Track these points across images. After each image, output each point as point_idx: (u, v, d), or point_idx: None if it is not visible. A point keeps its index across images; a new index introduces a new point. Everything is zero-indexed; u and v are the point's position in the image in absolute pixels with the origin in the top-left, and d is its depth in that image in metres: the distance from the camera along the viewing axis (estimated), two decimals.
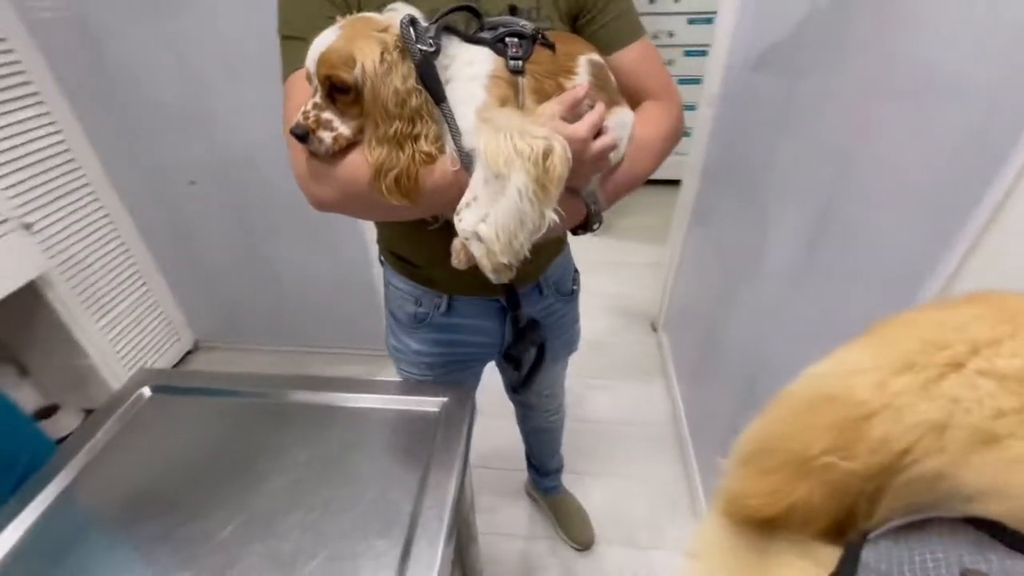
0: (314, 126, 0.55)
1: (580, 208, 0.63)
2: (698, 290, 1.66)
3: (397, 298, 0.88)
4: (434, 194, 0.56)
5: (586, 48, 0.62)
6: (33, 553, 0.61)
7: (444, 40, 0.54)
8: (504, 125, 0.50)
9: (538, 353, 0.89)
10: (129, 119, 1.63)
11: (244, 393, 0.80)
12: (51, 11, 1.46)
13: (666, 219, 2.99)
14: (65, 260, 1.63)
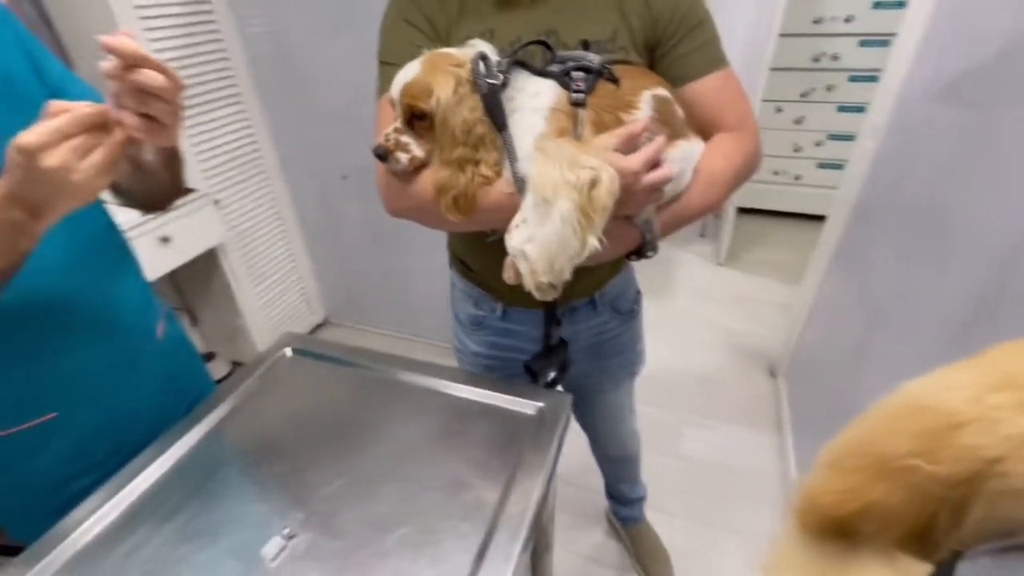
0: (393, 148, 0.63)
1: (633, 235, 0.64)
2: (833, 339, 1.49)
3: (460, 300, 0.95)
4: (489, 212, 0.62)
5: (652, 83, 0.63)
6: (185, 474, 0.72)
7: (514, 73, 0.60)
8: (556, 154, 0.53)
9: (559, 371, 0.89)
10: (304, 119, 1.89)
11: (366, 367, 0.87)
12: (259, 26, 1.75)
13: (802, 256, 2.73)
14: (239, 233, 1.92)
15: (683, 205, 0.66)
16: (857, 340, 1.28)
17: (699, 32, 0.67)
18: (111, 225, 0.77)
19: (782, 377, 1.91)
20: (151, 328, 0.81)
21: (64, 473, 0.73)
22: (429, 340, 2.26)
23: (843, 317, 1.44)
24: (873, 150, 1.41)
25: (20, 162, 0.46)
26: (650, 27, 0.67)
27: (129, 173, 0.70)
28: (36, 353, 0.65)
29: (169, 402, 0.84)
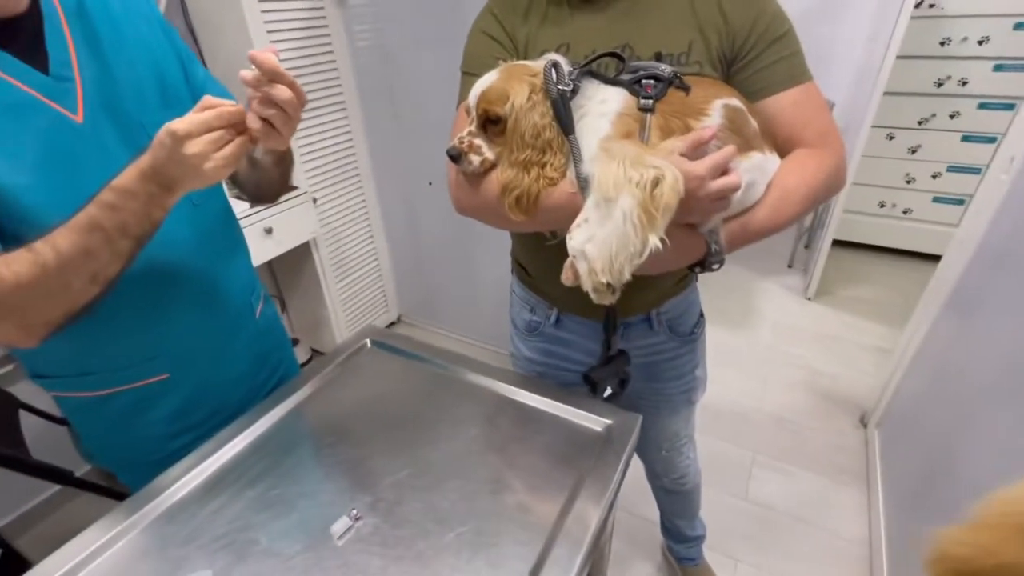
0: (467, 150, 0.66)
1: (698, 245, 0.63)
2: (942, 392, 1.33)
3: (516, 304, 0.96)
4: (552, 212, 0.63)
5: (725, 93, 0.62)
6: (267, 447, 0.77)
7: (584, 82, 0.62)
8: (620, 153, 0.54)
9: (619, 386, 0.86)
10: (400, 126, 1.99)
11: (439, 365, 0.90)
12: (367, 40, 1.88)
13: (902, 297, 2.50)
14: (331, 230, 2.06)
15: (752, 219, 0.63)
16: (972, 397, 1.14)
17: (779, 46, 0.65)
18: (229, 211, 0.85)
19: (874, 427, 1.73)
20: (253, 307, 0.88)
21: (167, 430, 0.81)
22: (494, 347, 2.29)
23: (956, 369, 1.28)
24: (1007, 185, 1.25)
25: (168, 144, 0.53)
26: (727, 42, 0.66)
27: (245, 167, 0.78)
28: (158, 318, 0.74)
29: (261, 376, 0.91)
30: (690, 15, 0.67)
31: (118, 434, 0.80)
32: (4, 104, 0.56)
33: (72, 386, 0.74)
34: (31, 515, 1.63)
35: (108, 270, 0.57)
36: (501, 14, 0.74)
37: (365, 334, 0.99)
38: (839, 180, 0.67)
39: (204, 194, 0.77)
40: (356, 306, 2.29)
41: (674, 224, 0.57)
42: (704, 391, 1.00)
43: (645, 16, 0.68)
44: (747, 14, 0.65)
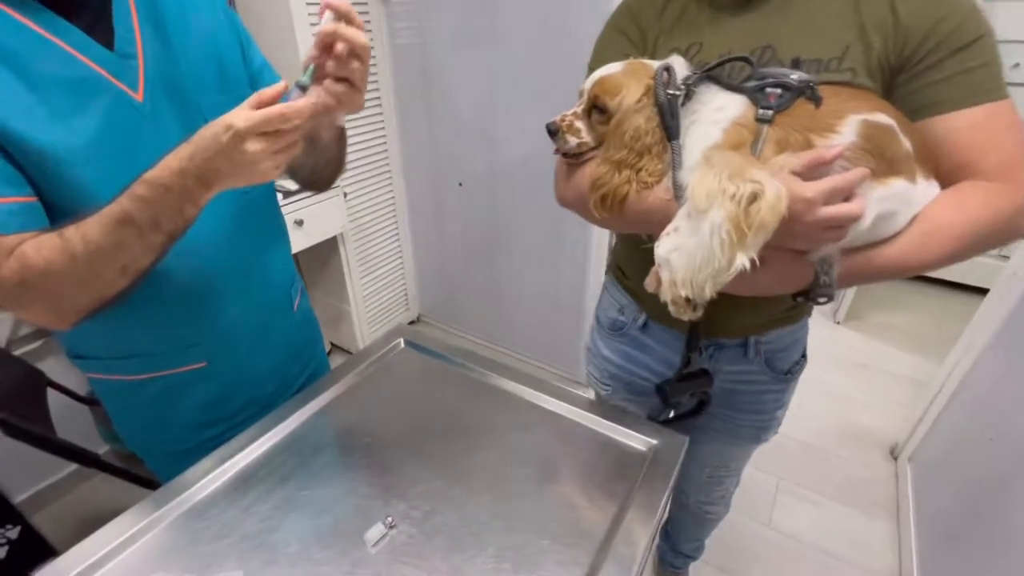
0: (566, 128, 0.66)
1: (803, 272, 0.57)
2: (985, 432, 1.27)
3: (606, 301, 0.93)
4: (643, 215, 0.61)
5: (868, 107, 0.53)
6: (298, 445, 0.75)
7: (703, 87, 0.58)
8: (720, 164, 0.50)
9: (695, 407, 0.82)
10: (433, 126, 1.99)
11: (474, 370, 0.88)
12: (406, 38, 1.87)
13: (938, 327, 2.42)
14: (358, 226, 2.05)
15: (881, 253, 0.55)
16: (1019, 439, 1.08)
17: (965, 55, 0.53)
18: (275, 202, 0.84)
19: (906, 461, 1.67)
20: (292, 299, 0.87)
21: (199, 419, 0.80)
22: (515, 352, 2.27)
23: (1005, 410, 1.23)
24: None
25: (224, 140, 0.50)
26: (895, 46, 0.56)
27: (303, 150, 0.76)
28: (201, 306, 0.72)
29: (294, 370, 0.90)
30: (852, 13, 0.58)
31: (151, 420, 0.79)
32: (68, 78, 0.56)
33: (110, 368, 0.73)
34: (47, 492, 1.64)
35: (139, 263, 0.55)
36: (636, 7, 0.71)
37: (398, 334, 0.97)
38: (1017, 226, 0.54)
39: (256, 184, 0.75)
40: (377, 303, 2.28)
41: (777, 246, 0.53)
42: (776, 433, 0.93)
43: (797, 15, 0.61)
44: (928, 14, 0.54)
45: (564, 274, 1.93)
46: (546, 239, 1.91)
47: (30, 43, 0.53)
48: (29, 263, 0.52)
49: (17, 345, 1.46)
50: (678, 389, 0.78)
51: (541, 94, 1.66)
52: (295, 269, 0.90)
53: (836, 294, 0.58)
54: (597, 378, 0.97)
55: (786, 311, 0.77)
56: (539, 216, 1.88)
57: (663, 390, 0.78)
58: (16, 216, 0.53)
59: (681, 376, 0.78)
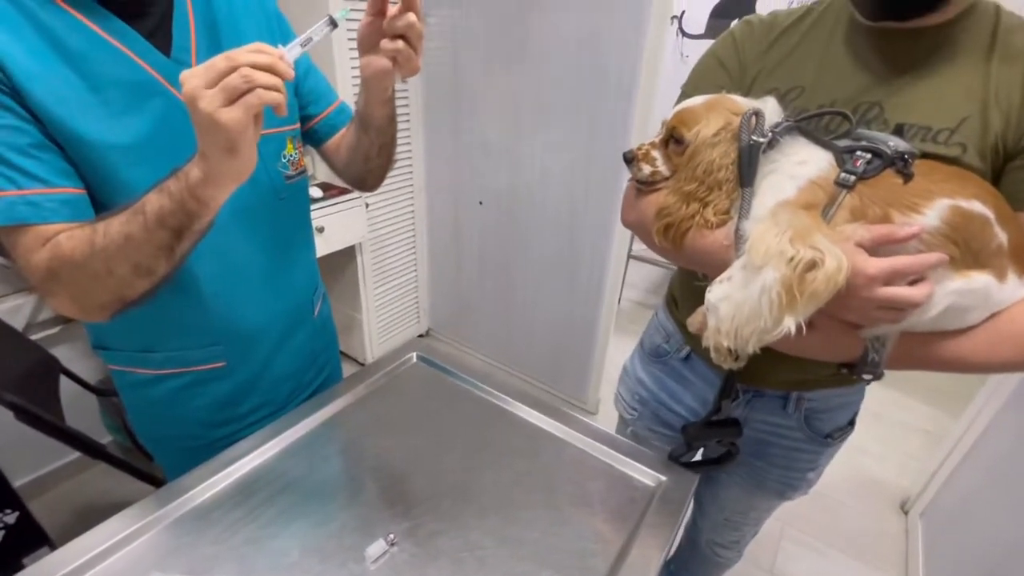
0: (641, 157, 0.65)
1: (852, 345, 0.55)
2: (1003, 493, 1.24)
3: (652, 329, 0.91)
4: (700, 254, 0.60)
5: (964, 192, 0.49)
6: (305, 453, 0.74)
7: (789, 137, 0.56)
8: (786, 223, 0.49)
9: (720, 457, 0.78)
10: (458, 144, 2.02)
11: (487, 391, 0.87)
12: (438, 58, 1.91)
13: (957, 382, 2.36)
14: (377, 236, 2.07)
15: (946, 346, 0.52)
16: None
17: None
18: (307, 208, 0.85)
19: (917, 516, 1.62)
20: (313, 305, 0.88)
21: (212, 418, 0.80)
22: (521, 374, 2.25)
23: (1019, 474, 1.19)
24: None
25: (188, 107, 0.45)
26: (1016, 130, 0.52)
27: (352, 137, 0.78)
28: (228, 306, 0.73)
29: (308, 375, 0.90)
30: (979, 85, 0.53)
31: (165, 415, 0.79)
32: (127, 80, 0.58)
33: (133, 361, 0.74)
34: (47, 479, 1.64)
35: (151, 263, 0.53)
36: (741, 40, 0.67)
37: (411, 348, 0.97)
38: None
39: (292, 189, 0.77)
40: (389, 313, 2.29)
41: (832, 315, 0.51)
42: (805, 494, 0.88)
43: (920, 74, 0.56)
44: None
45: (578, 299, 1.93)
46: (562, 263, 1.91)
47: (94, 45, 0.55)
48: (59, 251, 0.53)
49: (34, 330, 1.48)
50: (704, 434, 0.75)
51: (566, 118, 1.68)
52: (318, 275, 0.91)
53: (884, 373, 0.56)
54: (627, 400, 0.94)
55: (832, 374, 0.72)
56: (557, 240, 1.88)
57: (687, 431, 0.76)
58: (64, 206, 0.55)
59: (709, 422, 0.75)
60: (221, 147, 0.46)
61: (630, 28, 1.46)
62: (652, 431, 0.91)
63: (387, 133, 0.75)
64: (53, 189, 0.54)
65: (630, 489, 0.71)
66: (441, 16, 1.85)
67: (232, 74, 0.44)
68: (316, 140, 0.84)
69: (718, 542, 1.06)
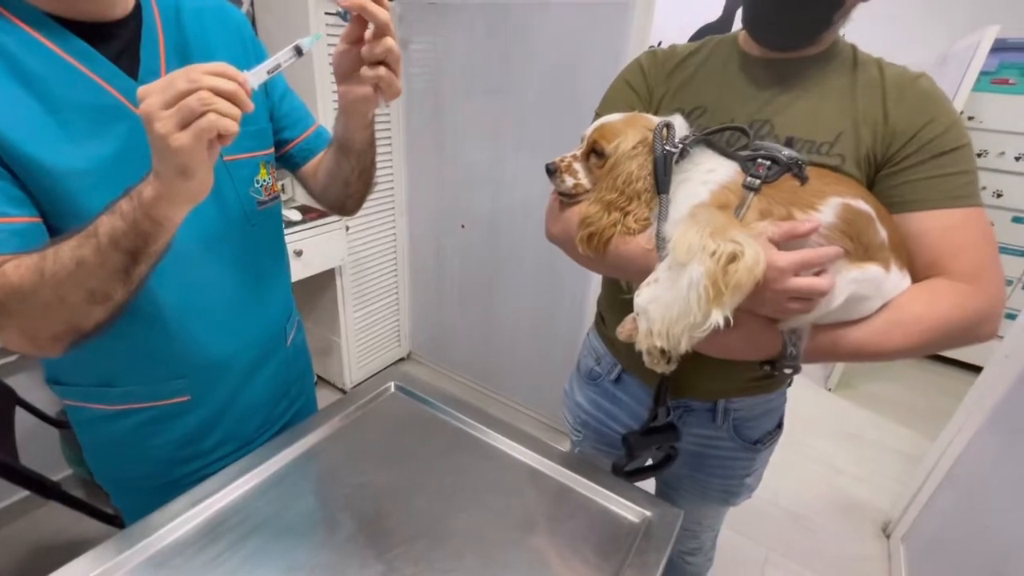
0: (564, 169, 0.69)
1: (771, 340, 0.58)
2: (982, 516, 1.25)
3: (585, 349, 0.95)
4: (623, 261, 0.63)
5: (851, 193, 0.56)
6: (275, 492, 0.70)
7: (698, 149, 0.62)
8: (704, 221, 0.52)
9: (661, 461, 0.82)
10: (441, 168, 2.02)
11: (467, 422, 0.85)
12: (421, 83, 1.93)
13: (929, 402, 2.41)
14: (357, 258, 2.05)
15: (849, 335, 0.57)
16: (1020, 525, 1.06)
17: (945, 161, 0.58)
18: (281, 233, 0.83)
19: (899, 540, 1.62)
20: (286, 334, 0.85)
21: (175, 455, 0.76)
22: (503, 397, 2.23)
23: (997, 498, 1.20)
24: None
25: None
26: (882, 144, 0.60)
27: (331, 161, 0.76)
28: (192, 337, 0.70)
29: (280, 407, 0.87)
30: (849, 104, 0.62)
31: (124, 453, 0.75)
32: (90, 104, 0.56)
33: (90, 396, 0.70)
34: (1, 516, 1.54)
35: (107, 288, 0.50)
36: (648, 66, 0.75)
37: (389, 377, 0.94)
38: (980, 330, 0.57)
39: (264, 215, 0.75)
40: (369, 337, 2.25)
41: (751, 312, 0.55)
42: (748, 498, 0.92)
43: (801, 95, 0.65)
44: (913, 119, 0.59)
45: (560, 323, 1.92)
46: (544, 286, 1.91)
47: (54, 67, 0.53)
48: (5, 282, 0.49)
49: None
50: (644, 442, 0.77)
51: (548, 143, 1.70)
52: (292, 302, 0.89)
53: (801, 367, 0.60)
54: (570, 423, 0.99)
55: (756, 380, 0.77)
56: (539, 263, 1.88)
57: (628, 441, 0.78)
58: (13, 236, 0.52)
59: (647, 429, 0.78)
60: (174, 170, 0.45)
61: (609, 57, 1.49)
62: (598, 449, 0.95)
63: (367, 157, 0.74)
64: (2, 219, 0.51)
65: (613, 525, 0.69)
66: (423, 43, 1.87)
67: (191, 96, 0.42)
68: (292, 164, 0.82)
69: (682, 551, 1.08)
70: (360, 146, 0.70)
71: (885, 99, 0.61)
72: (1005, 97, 2.33)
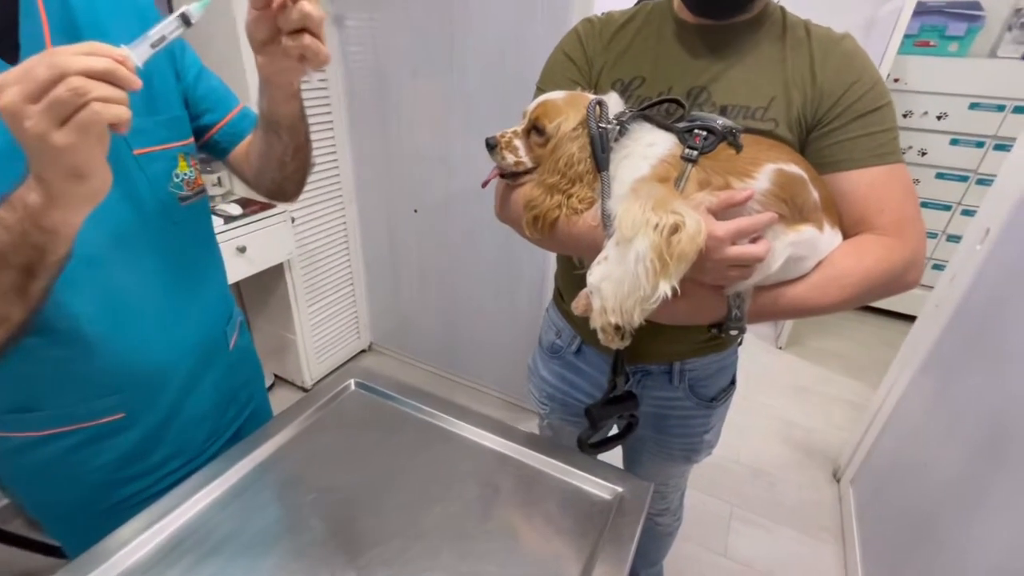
0: (504, 145, 0.68)
1: (718, 305, 0.60)
2: (919, 454, 1.35)
3: (546, 324, 0.97)
4: (572, 240, 0.63)
5: (784, 158, 0.58)
6: (236, 504, 0.67)
7: (636, 124, 0.62)
8: (646, 195, 0.53)
9: (624, 429, 0.86)
10: (388, 151, 1.94)
11: (431, 413, 0.83)
12: (361, 62, 1.84)
13: (869, 352, 2.58)
14: (307, 251, 1.96)
15: (787, 293, 0.60)
16: (955, 460, 1.15)
17: (869, 120, 0.61)
18: (210, 230, 0.77)
19: (848, 483, 1.74)
20: (227, 338, 0.80)
21: (115, 476, 0.71)
22: (471, 382, 2.22)
23: (936, 433, 1.30)
24: (982, 255, 1.31)
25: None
26: (811, 106, 0.63)
27: (260, 142, 0.68)
28: (119, 350, 0.64)
29: (228, 415, 0.82)
30: (779, 69, 0.64)
31: (56, 481, 0.69)
32: None
33: (6, 424, 0.63)
34: None
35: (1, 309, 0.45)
36: (585, 36, 0.74)
37: (349, 374, 0.91)
38: (906, 278, 0.61)
39: (189, 211, 0.69)
40: (327, 331, 2.18)
41: (696, 280, 0.56)
42: (709, 454, 0.97)
43: (735, 62, 0.66)
44: (840, 80, 0.61)
45: (520, 301, 1.92)
46: (502, 266, 1.89)
47: None
48: None
49: None
50: (605, 412, 0.79)
51: (499, 121, 1.65)
52: (232, 303, 0.83)
53: (747, 327, 0.62)
54: (536, 397, 1.00)
55: (708, 341, 0.80)
56: (495, 243, 1.86)
57: (590, 413, 0.80)
58: None
59: (608, 400, 0.79)
60: (63, 173, 0.39)
61: (552, 30, 1.45)
62: (565, 420, 0.98)
63: (300, 132, 0.68)
64: None
65: (587, 504, 0.69)
66: (360, 19, 1.77)
67: (59, 86, 0.36)
68: (219, 151, 0.76)
69: (652, 513, 1.13)
70: (289, 120, 0.64)
71: (812, 60, 0.63)
72: (927, 59, 2.45)
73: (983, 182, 2.51)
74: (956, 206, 2.63)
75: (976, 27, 2.38)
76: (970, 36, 2.40)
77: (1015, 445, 0.96)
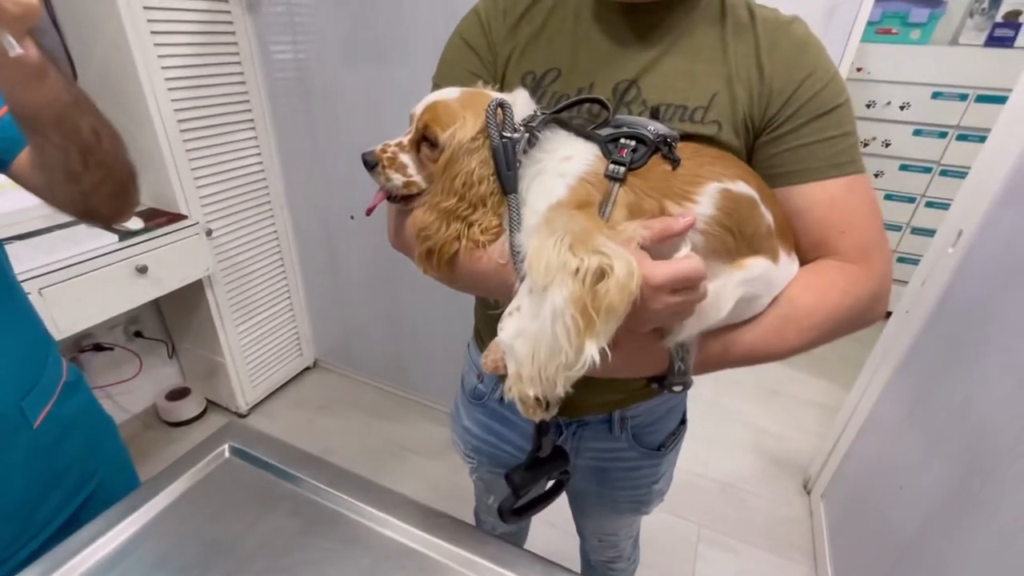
0: (387, 163, 0.53)
1: (657, 356, 0.49)
2: (891, 479, 1.25)
3: (466, 364, 0.85)
4: (475, 277, 0.51)
5: (730, 174, 0.47)
6: None
7: (550, 132, 0.50)
8: (563, 229, 0.41)
9: (552, 488, 0.71)
10: (319, 152, 1.76)
11: (315, 488, 0.67)
12: (283, 54, 1.65)
13: (843, 352, 2.49)
14: (232, 265, 1.77)
15: (739, 340, 0.50)
16: (933, 471, 1.05)
17: (826, 122, 0.51)
18: (4, 275, 0.59)
19: (819, 497, 1.65)
20: (22, 413, 0.61)
21: None
22: (419, 398, 2.07)
23: (908, 456, 1.20)
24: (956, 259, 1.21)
25: None
26: (759, 104, 0.52)
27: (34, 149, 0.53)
28: None
29: (51, 502, 0.66)
30: (720, 58, 0.52)
31: None
32: None
33: None
34: None
35: None
36: (487, 17, 0.60)
37: (224, 436, 0.74)
38: (873, 312, 0.52)
39: None
40: (263, 349, 1.99)
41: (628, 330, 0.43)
42: (661, 502, 0.85)
43: (667, 48, 0.54)
44: (791, 74, 0.51)
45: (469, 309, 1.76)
46: None
47: None
48: None
49: None
50: (530, 477, 0.65)
51: None
52: (38, 367, 0.65)
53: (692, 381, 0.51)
54: (462, 449, 0.88)
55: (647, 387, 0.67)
56: None
57: (511, 479, 0.64)
58: None
59: (532, 462, 0.65)
60: None
61: None
62: (494, 474, 0.84)
63: (79, 128, 0.51)
64: None
65: None
66: (276, 9, 1.58)
67: None
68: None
69: (604, 560, 1.03)
70: (48, 113, 0.48)
71: (758, 48, 0.52)
72: (889, 47, 2.38)
73: (946, 173, 2.46)
74: (920, 198, 2.59)
75: (938, 13, 2.32)
76: (932, 23, 2.34)
77: (999, 457, 0.86)
